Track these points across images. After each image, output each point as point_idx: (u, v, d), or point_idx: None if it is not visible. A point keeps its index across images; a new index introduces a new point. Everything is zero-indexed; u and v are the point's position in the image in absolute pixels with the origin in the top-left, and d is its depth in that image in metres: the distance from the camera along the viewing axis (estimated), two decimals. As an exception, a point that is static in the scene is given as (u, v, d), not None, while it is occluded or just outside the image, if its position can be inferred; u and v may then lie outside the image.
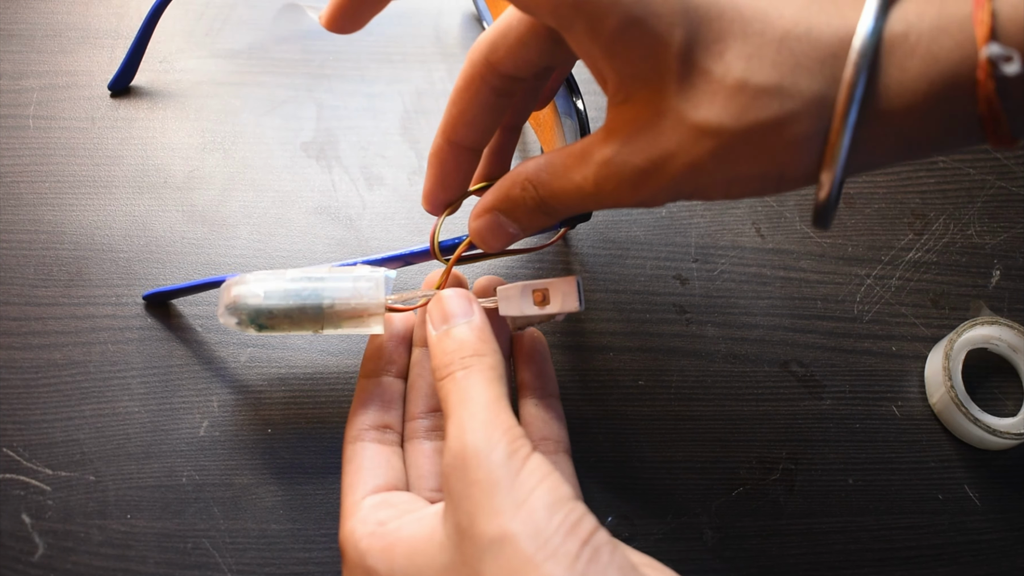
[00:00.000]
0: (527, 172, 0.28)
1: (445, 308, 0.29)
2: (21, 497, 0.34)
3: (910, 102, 0.22)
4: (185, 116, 0.43)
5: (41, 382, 0.36)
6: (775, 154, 0.23)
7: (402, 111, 0.43)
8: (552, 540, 0.23)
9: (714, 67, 0.23)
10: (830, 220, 0.23)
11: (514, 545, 0.23)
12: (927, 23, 0.22)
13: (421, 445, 0.32)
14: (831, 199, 0.23)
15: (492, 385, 0.27)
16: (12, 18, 0.44)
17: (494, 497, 0.24)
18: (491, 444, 0.25)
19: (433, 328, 0.29)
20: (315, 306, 0.30)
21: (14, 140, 0.41)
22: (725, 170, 0.24)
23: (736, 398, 0.38)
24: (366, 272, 0.31)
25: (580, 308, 0.29)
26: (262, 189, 0.41)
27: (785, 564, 0.35)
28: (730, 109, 0.23)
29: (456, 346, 0.28)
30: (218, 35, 0.45)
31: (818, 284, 0.41)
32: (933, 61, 0.22)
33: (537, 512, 0.23)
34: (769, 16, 0.23)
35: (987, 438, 0.36)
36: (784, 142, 0.23)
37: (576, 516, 0.24)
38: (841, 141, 0.22)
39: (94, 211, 0.40)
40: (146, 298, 0.37)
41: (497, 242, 0.29)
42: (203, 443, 0.35)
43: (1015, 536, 0.36)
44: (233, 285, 0.30)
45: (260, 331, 0.30)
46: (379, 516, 0.28)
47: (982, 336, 0.38)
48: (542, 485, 0.24)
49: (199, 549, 0.33)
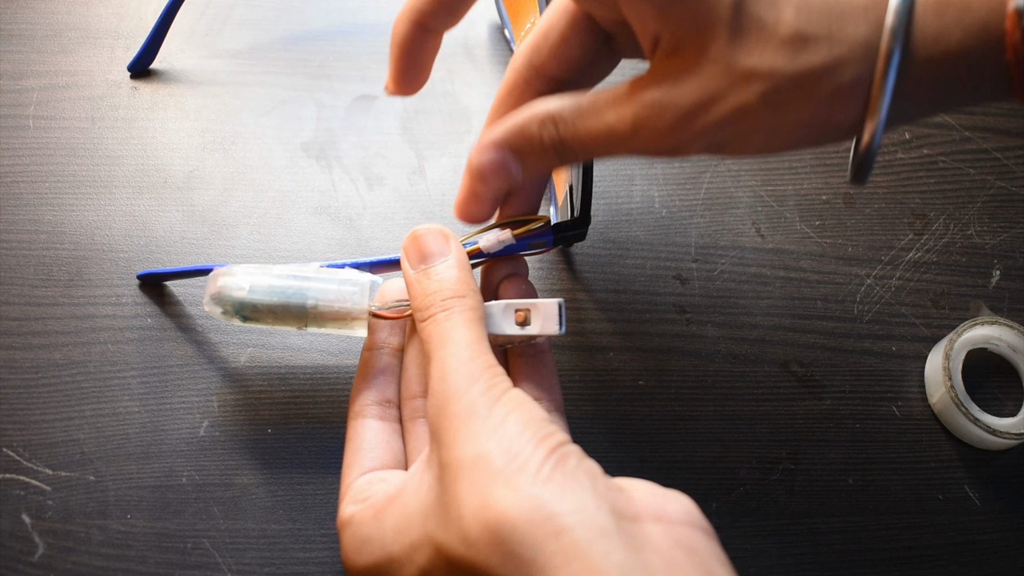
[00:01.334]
0: (549, 109, 0.27)
1: (422, 247, 0.29)
2: (21, 497, 0.34)
3: (945, 49, 0.23)
4: (185, 116, 0.43)
5: (41, 382, 0.36)
6: (822, 99, 0.24)
7: (402, 111, 0.43)
8: (522, 453, 0.23)
9: (766, 16, 0.24)
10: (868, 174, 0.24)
11: (487, 461, 0.23)
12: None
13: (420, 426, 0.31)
14: (873, 149, 0.24)
15: (472, 326, 0.27)
16: (12, 18, 0.44)
17: (472, 423, 0.24)
18: (471, 380, 0.25)
19: (410, 267, 0.29)
20: (299, 305, 0.30)
21: (14, 140, 0.41)
22: (771, 115, 0.24)
23: (736, 398, 0.38)
24: (353, 276, 0.31)
25: (560, 332, 0.29)
26: (262, 189, 0.41)
27: (785, 564, 0.35)
28: (782, 55, 0.23)
29: (436, 287, 0.28)
30: (218, 35, 0.45)
31: (818, 284, 0.41)
32: (966, 9, 0.23)
33: (510, 430, 0.24)
34: None
35: (987, 438, 0.36)
36: (832, 87, 0.23)
37: (547, 431, 0.24)
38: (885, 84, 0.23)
39: (94, 211, 0.40)
40: (140, 277, 0.38)
41: (497, 182, 0.29)
42: (203, 443, 0.35)
43: (1015, 536, 0.36)
44: (220, 276, 0.31)
45: (245, 322, 0.31)
46: (371, 490, 0.28)
47: (982, 336, 0.38)
48: (517, 410, 0.25)
49: (199, 549, 0.33)
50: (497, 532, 0.22)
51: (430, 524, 0.25)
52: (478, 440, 0.24)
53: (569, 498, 0.22)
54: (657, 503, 0.24)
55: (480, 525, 0.23)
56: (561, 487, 0.23)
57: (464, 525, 0.23)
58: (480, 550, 0.23)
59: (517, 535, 0.22)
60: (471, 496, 0.23)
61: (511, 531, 0.22)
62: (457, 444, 0.24)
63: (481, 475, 0.23)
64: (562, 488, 0.23)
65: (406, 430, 0.32)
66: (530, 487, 0.23)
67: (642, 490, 0.24)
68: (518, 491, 0.23)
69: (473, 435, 0.24)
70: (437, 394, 0.26)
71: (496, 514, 0.22)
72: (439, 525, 0.24)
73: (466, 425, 0.25)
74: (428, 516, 0.25)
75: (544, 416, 0.25)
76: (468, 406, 0.25)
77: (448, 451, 0.25)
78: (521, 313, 0.30)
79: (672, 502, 0.24)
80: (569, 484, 0.23)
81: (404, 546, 0.25)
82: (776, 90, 0.24)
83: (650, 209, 0.42)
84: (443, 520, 0.24)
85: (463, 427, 0.25)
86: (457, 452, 0.24)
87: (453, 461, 0.24)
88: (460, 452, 0.24)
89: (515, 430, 0.24)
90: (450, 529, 0.24)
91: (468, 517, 0.23)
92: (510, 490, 0.23)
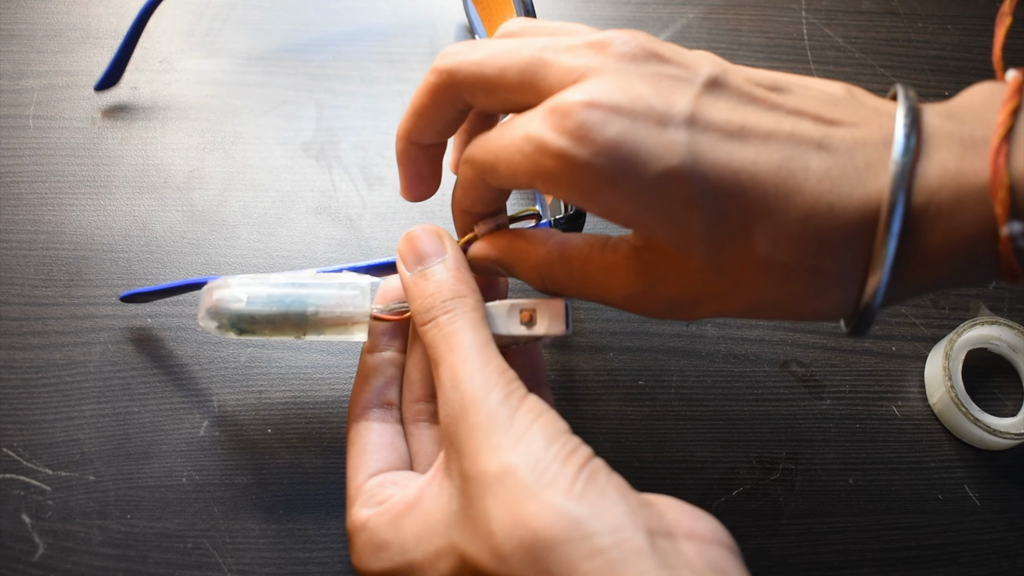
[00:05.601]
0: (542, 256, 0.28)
1: (417, 247, 0.29)
2: (21, 497, 0.34)
3: (931, 270, 0.23)
4: (185, 116, 0.43)
5: (41, 382, 0.36)
6: (807, 313, 0.25)
7: (402, 111, 0.43)
8: (550, 468, 0.23)
9: (740, 244, 0.23)
10: (868, 329, 0.25)
11: (515, 476, 0.23)
12: (947, 194, 0.22)
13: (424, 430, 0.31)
14: (860, 335, 0.25)
15: (478, 329, 0.27)
16: (12, 18, 0.44)
17: (493, 435, 0.24)
18: (487, 388, 0.25)
19: (406, 269, 0.29)
20: (299, 313, 0.30)
21: (14, 140, 0.41)
22: (757, 318, 0.26)
23: (736, 398, 0.38)
24: (352, 280, 0.30)
25: (567, 332, 0.29)
26: (262, 189, 0.41)
27: (785, 564, 0.35)
28: (759, 282, 0.24)
29: (435, 288, 0.28)
30: (218, 35, 0.45)
31: (818, 284, 0.41)
32: (954, 234, 0.22)
33: (535, 444, 0.24)
34: (790, 193, 0.23)
35: (987, 438, 0.36)
36: (816, 306, 0.24)
37: (572, 445, 0.24)
38: (871, 308, 0.23)
39: (94, 211, 0.40)
40: (124, 299, 0.36)
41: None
42: (203, 443, 0.35)
43: (1015, 536, 0.36)
44: (215, 289, 0.30)
45: (241, 335, 0.30)
46: (384, 494, 0.28)
47: (982, 336, 0.38)
48: (539, 420, 0.24)
49: (199, 549, 0.33)
50: (532, 550, 0.22)
51: (454, 534, 0.24)
52: (501, 452, 0.24)
53: (604, 517, 0.22)
54: (687, 520, 0.24)
55: (513, 541, 0.22)
56: (594, 505, 0.22)
57: (495, 541, 0.23)
58: (514, 566, 0.22)
59: (554, 554, 0.22)
60: (501, 512, 0.23)
61: (546, 549, 0.22)
62: (481, 456, 0.24)
63: (509, 491, 0.23)
64: (595, 506, 0.22)
65: (408, 432, 0.31)
66: (564, 504, 0.22)
67: (671, 507, 0.24)
68: (551, 508, 0.22)
69: (496, 447, 0.24)
70: (452, 403, 0.25)
71: (531, 532, 0.22)
72: (466, 537, 0.24)
73: (487, 437, 0.24)
74: (452, 526, 0.25)
75: (566, 427, 0.25)
76: (487, 416, 0.24)
77: (471, 463, 0.24)
78: (526, 313, 0.29)
79: (700, 519, 0.24)
80: (602, 502, 0.23)
81: (427, 554, 0.25)
82: (754, 306, 0.25)
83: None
84: (471, 533, 0.24)
85: (484, 439, 0.24)
86: (481, 465, 0.24)
87: (478, 474, 0.24)
88: (484, 465, 0.24)
89: (540, 444, 0.24)
90: (479, 543, 0.23)
91: (499, 533, 0.23)
92: (543, 507, 0.22)
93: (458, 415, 0.25)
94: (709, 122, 0.23)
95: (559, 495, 0.23)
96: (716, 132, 0.23)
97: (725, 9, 0.48)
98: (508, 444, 0.24)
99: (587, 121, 0.23)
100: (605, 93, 0.23)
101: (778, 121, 0.23)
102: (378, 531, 0.27)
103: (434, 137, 0.29)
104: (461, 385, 0.25)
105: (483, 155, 0.26)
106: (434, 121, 0.28)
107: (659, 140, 0.23)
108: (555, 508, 0.22)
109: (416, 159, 0.30)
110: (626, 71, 0.24)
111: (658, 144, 0.23)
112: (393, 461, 0.30)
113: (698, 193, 0.23)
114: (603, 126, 0.23)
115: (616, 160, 0.23)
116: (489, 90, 0.26)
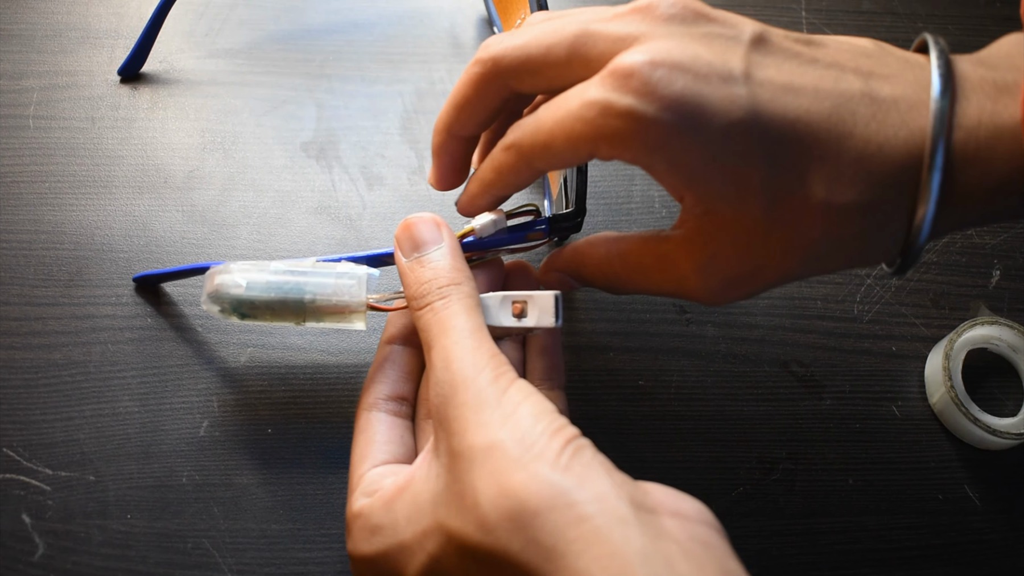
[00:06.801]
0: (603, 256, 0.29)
1: (415, 235, 0.29)
2: (21, 497, 0.34)
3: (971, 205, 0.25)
4: (185, 116, 0.43)
5: (41, 382, 0.36)
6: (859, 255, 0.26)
7: (402, 111, 0.43)
8: (538, 442, 0.24)
9: (798, 191, 0.24)
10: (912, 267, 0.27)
11: (502, 450, 0.24)
12: (983, 133, 0.24)
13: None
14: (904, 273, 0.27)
15: (472, 314, 0.27)
16: (12, 18, 0.44)
17: (481, 413, 0.25)
18: (477, 368, 0.26)
19: (403, 256, 0.29)
20: (296, 300, 0.30)
21: (14, 140, 0.41)
22: (812, 271, 0.26)
23: (736, 398, 0.38)
24: (349, 269, 0.31)
25: (557, 324, 0.29)
26: (262, 189, 0.41)
27: (785, 564, 0.35)
28: (817, 226, 0.25)
29: (431, 275, 0.28)
30: (218, 35, 0.45)
31: (818, 284, 0.41)
32: (991, 170, 0.24)
33: (523, 422, 0.24)
34: (842, 138, 0.24)
35: (987, 438, 0.36)
36: (868, 245, 0.26)
37: (560, 423, 0.24)
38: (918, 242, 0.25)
39: (94, 211, 0.40)
40: (136, 280, 0.37)
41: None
42: (203, 443, 0.35)
43: (1015, 536, 0.36)
44: (216, 274, 0.31)
45: (243, 319, 0.31)
46: (383, 483, 0.28)
47: (982, 336, 0.38)
48: (527, 400, 0.25)
49: (199, 549, 0.33)
50: (518, 518, 0.22)
51: (440, 511, 0.25)
52: (489, 429, 0.24)
53: (589, 487, 0.23)
54: (672, 500, 0.24)
55: (499, 511, 0.23)
56: (580, 476, 0.23)
57: (481, 512, 0.23)
58: (500, 536, 0.23)
59: (539, 521, 0.22)
60: (487, 483, 0.23)
61: (532, 517, 0.22)
62: (468, 433, 0.24)
63: (496, 463, 0.23)
64: (580, 477, 0.23)
65: (419, 429, 0.32)
66: (549, 475, 0.23)
67: (656, 488, 0.25)
68: (537, 478, 0.23)
69: (484, 424, 0.24)
70: (442, 383, 0.26)
71: (517, 501, 0.23)
72: (451, 512, 0.24)
73: (476, 414, 0.25)
74: (438, 504, 0.25)
75: (553, 408, 0.25)
76: (476, 395, 0.25)
77: (458, 440, 0.25)
78: (518, 305, 0.30)
79: (686, 501, 0.24)
80: (587, 474, 0.23)
81: (415, 533, 0.26)
82: (814, 256, 0.26)
83: (650, 209, 0.42)
84: (456, 507, 0.24)
85: (472, 416, 0.25)
86: (468, 441, 0.24)
87: (465, 450, 0.24)
88: (472, 441, 0.24)
89: (528, 421, 0.24)
90: (465, 516, 0.24)
91: (485, 504, 0.23)
92: (529, 477, 0.23)
93: (447, 394, 0.26)
94: (763, 77, 0.24)
95: (545, 466, 0.23)
96: (770, 85, 0.24)
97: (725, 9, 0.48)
98: (496, 421, 0.24)
99: (652, 78, 0.24)
100: (664, 52, 0.24)
101: (821, 73, 0.25)
102: (372, 516, 0.27)
103: (474, 129, 0.29)
104: (452, 366, 0.26)
105: (533, 135, 0.26)
106: (477, 112, 0.29)
107: (722, 94, 0.24)
108: (541, 478, 0.23)
109: (454, 151, 0.30)
110: (677, 33, 0.25)
111: (722, 98, 0.24)
112: (400, 454, 0.30)
113: (757, 144, 0.24)
114: (669, 82, 0.24)
115: (683, 115, 0.24)
116: (536, 70, 0.27)
